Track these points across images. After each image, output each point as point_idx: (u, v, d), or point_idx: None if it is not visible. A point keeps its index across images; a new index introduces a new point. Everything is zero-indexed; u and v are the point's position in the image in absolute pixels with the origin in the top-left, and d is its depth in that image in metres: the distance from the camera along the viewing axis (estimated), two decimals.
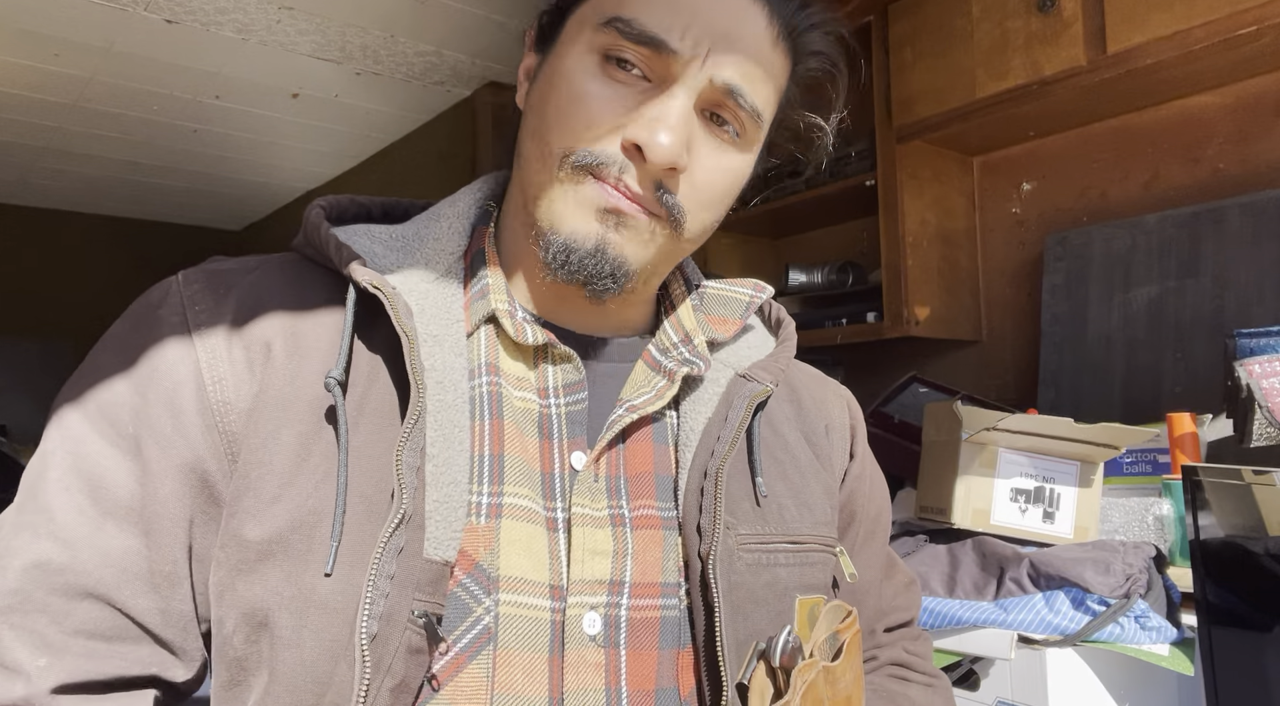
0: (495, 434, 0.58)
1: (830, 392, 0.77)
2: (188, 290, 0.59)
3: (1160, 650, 1.05)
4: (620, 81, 0.59)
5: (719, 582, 0.57)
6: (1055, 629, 1.07)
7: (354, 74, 3.26)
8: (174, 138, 3.99)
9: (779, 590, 0.62)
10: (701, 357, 0.66)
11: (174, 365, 0.56)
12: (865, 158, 2.01)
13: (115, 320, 0.61)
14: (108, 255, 5.43)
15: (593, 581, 0.57)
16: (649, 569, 0.59)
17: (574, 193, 0.58)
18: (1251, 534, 0.89)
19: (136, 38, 2.93)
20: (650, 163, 0.57)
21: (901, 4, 1.90)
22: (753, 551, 0.61)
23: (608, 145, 0.58)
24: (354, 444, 0.54)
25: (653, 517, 0.60)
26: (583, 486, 0.59)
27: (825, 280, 2.14)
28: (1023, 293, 1.97)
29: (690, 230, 0.62)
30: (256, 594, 0.52)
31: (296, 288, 0.61)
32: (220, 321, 0.57)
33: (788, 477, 0.67)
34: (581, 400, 0.62)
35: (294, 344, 0.57)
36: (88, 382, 0.57)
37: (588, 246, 0.58)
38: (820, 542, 0.66)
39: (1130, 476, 1.44)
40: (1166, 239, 1.67)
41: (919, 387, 1.80)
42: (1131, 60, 1.51)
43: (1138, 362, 1.68)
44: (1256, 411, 1.20)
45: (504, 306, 0.62)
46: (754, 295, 0.72)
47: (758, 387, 0.65)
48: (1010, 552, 1.17)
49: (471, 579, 0.54)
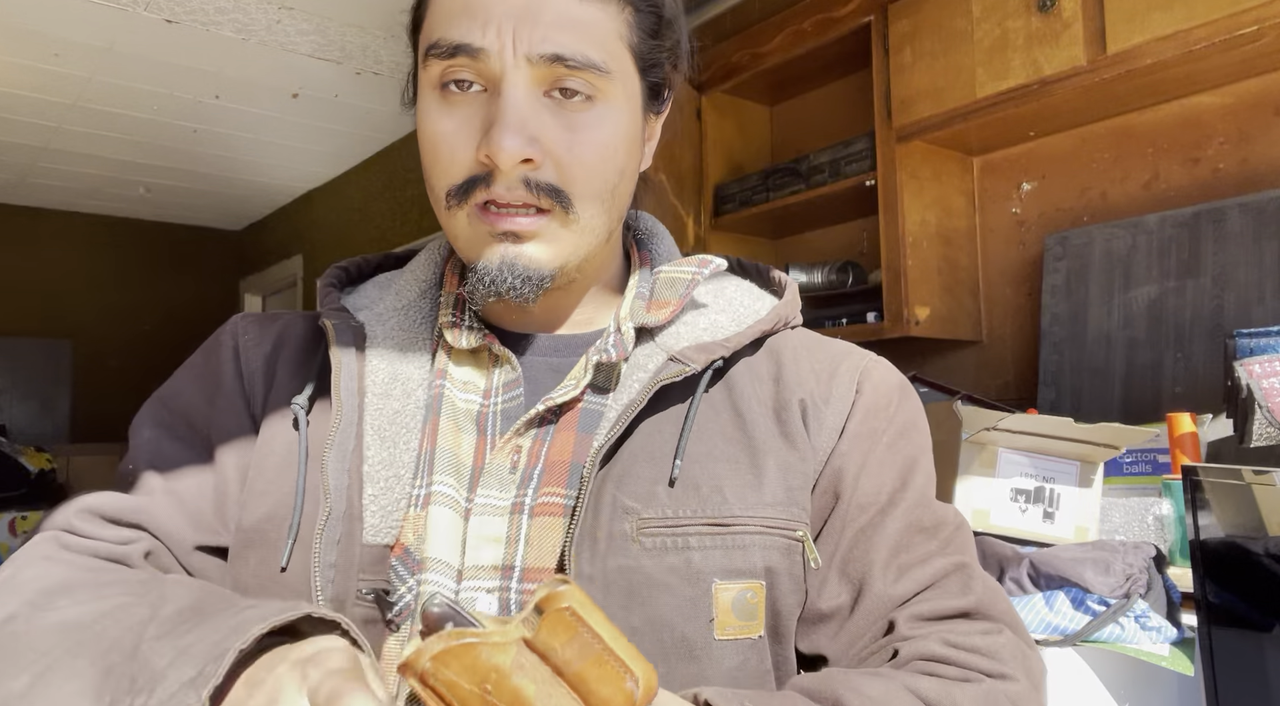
0: (433, 432, 0.65)
1: (837, 366, 0.71)
2: (243, 324, 0.76)
3: (1160, 650, 1.05)
4: (461, 103, 0.62)
5: (579, 568, 0.59)
6: (1055, 629, 1.07)
7: (354, 74, 3.27)
8: (174, 138, 4.00)
9: (689, 574, 0.61)
10: (619, 345, 0.68)
11: (232, 380, 0.72)
12: (865, 158, 2.01)
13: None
14: (108, 255, 5.43)
15: (485, 566, 0.61)
16: (544, 554, 0.61)
17: (469, 227, 0.64)
18: (1251, 534, 0.89)
19: (136, 38, 2.93)
20: (501, 167, 0.60)
21: (901, 4, 1.90)
22: (655, 534, 0.61)
23: (471, 168, 0.63)
24: (313, 452, 0.65)
25: (554, 505, 0.62)
26: (492, 477, 0.63)
27: (825, 280, 2.14)
28: (1023, 292, 1.97)
29: (582, 204, 0.64)
30: (242, 576, 0.64)
31: (314, 333, 0.75)
32: (260, 350, 0.73)
33: (734, 458, 0.65)
34: (517, 396, 0.68)
35: (293, 373, 0.71)
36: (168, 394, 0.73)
37: (494, 267, 0.64)
38: (760, 524, 0.63)
39: (1130, 476, 1.44)
40: (1166, 239, 1.67)
41: (919, 387, 1.80)
42: (1131, 60, 1.51)
43: (1138, 362, 1.68)
44: (1256, 411, 1.20)
45: (448, 319, 0.70)
46: (696, 272, 0.72)
47: (672, 369, 0.65)
48: (1010, 552, 1.17)
49: (400, 561, 0.61)
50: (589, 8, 0.62)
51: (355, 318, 0.71)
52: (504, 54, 0.60)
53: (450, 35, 0.61)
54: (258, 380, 0.72)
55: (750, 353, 0.71)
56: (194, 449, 0.70)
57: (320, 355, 0.71)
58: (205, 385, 0.73)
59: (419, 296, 0.74)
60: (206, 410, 0.71)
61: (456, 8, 0.62)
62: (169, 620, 0.52)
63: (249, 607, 0.51)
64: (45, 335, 5.20)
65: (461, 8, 0.61)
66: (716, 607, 0.61)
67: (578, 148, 0.62)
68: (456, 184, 0.63)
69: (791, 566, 0.64)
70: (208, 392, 0.72)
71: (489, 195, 0.62)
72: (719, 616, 0.61)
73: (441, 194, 0.64)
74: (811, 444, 0.67)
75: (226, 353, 0.74)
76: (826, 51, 2.15)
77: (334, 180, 4.74)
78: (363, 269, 0.80)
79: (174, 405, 0.72)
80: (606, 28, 0.63)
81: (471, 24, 0.60)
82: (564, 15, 0.61)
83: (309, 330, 0.75)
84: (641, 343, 0.70)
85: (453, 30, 0.61)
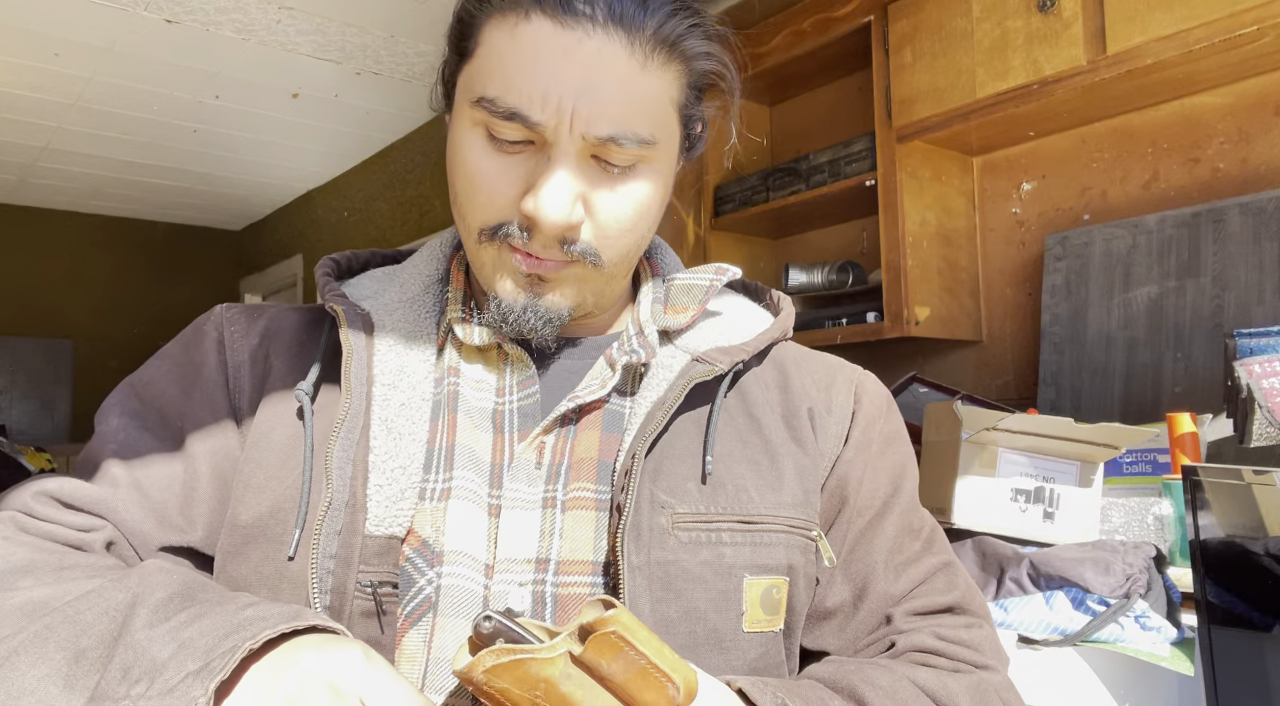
0: (450, 428, 0.65)
1: (833, 378, 0.75)
2: (228, 314, 0.73)
3: (1160, 650, 1.05)
4: (508, 152, 0.62)
5: (629, 559, 0.60)
6: (1055, 629, 1.07)
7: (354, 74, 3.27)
8: (174, 138, 4.00)
9: (721, 568, 0.63)
10: (646, 347, 0.69)
11: (213, 371, 0.70)
12: (865, 158, 2.01)
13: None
14: (108, 255, 5.43)
15: (518, 559, 0.61)
16: (578, 547, 0.62)
17: (497, 260, 0.65)
18: (1251, 534, 0.89)
19: (136, 38, 2.93)
20: (542, 232, 0.62)
21: (901, 4, 1.90)
22: (690, 529, 0.63)
23: (509, 216, 0.63)
24: (318, 441, 0.64)
25: (586, 499, 0.63)
26: (519, 472, 0.64)
27: (825, 280, 2.14)
28: (1023, 292, 1.97)
29: (612, 260, 0.66)
30: (242, 572, 0.62)
31: (308, 323, 0.73)
32: (247, 341, 0.71)
33: (754, 460, 0.68)
34: (533, 394, 0.68)
35: (290, 363, 0.70)
36: (140, 382, 0.71)
37: (518, 308, 0.65)
38: (784, 523, 0.66)
39: (1130, 476, 1.44)
40: (1166, 239, 1.67)
41: (919, 387, 1.80)
42: (1131, 60, 1.51)
43: (1138, 362, 1.68)
44: (1256, 411, 1.20)
45: (458, 315, 0.70)
46: (714, 279, 0.74)
47: (701, 368, 0.67)
48: (1010, 552, 1.17)
49: (417, 553, 0.60)
50: (648, 79, 0.62)
51: (360, 306, 0.70)
52: (559, 130, 0.60)
53: (506, 99, 0.60)
54: (245, 372, 0.70)
55: (757, 362, 0.74)
56: (164, 441, 0.68)
57: (324, 343, 0.69)
58: (182, 375, 0.70)
59: (422, 291, 0.74)
60: (181, 401, 0.69)
61: (514, 68, 0.60)
62: (161, 607, 0.51)
63: (249, 606, 0.51)
64: (45, 335, 5.20)
65: (520, 71, 0.60)
66: (746, 601, 0.64)
67: (616, 209, 0.64)
68: (491, 225, 0.64)
69: (807, 564, 0.68)
70: (184, 383, 0.70)
71: (525, 248, 0.63)
72: (749, 610, 0.64)
73: (474, 227, 0.65)
74: (820, 449, 0.71)
75: (209, 343, 0.71)
76: (826, 51, 2.15)
77: (334, 180, 4.74)
78: (352, 263, 0.79)
79: (146, 394, 0.70)
80: (661, 97, 0.63)
81: (532, 91, 0.59)
82: (624, 90, 0.60)
83: (302, 320, 0.74)
84: (662, 344, 0.72)
85: (510, 94, 0.60)
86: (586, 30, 0.59)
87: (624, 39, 0.60)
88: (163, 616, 0.50)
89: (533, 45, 0.59)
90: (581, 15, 0.59)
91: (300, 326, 0.73)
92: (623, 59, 0.60)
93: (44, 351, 5.19)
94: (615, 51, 0.60)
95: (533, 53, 0.59)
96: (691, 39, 0.64)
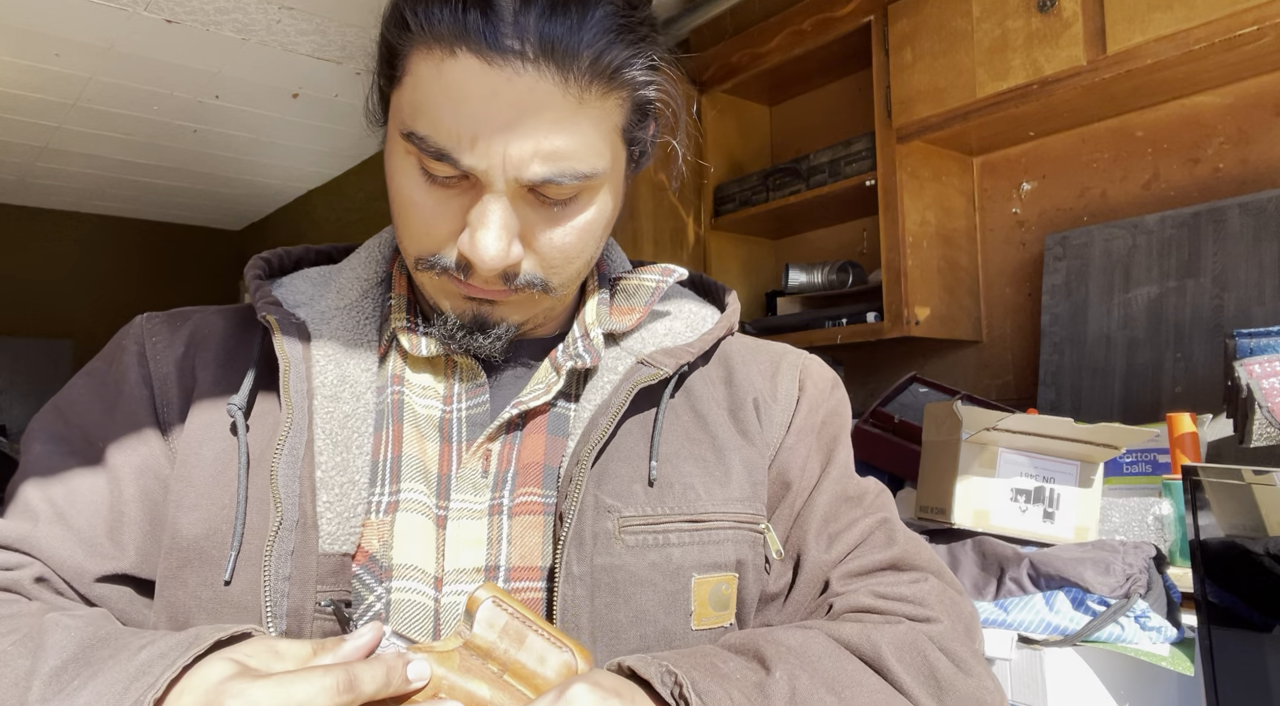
0: (396, 439, 0.63)
1: (778, 365, 0.74)
2: (149, 325, 0.70)
3: (1160, 650, 1.05)
4: (443, 186, 0.59)
5: (569, 568, 0.60)
6: (1055, 629, 1.07)
7: (354, 74, 3.27)
8: (174, 138, 4.00)
9: (669, 570, 0.63)
10: (591, 351, 0.68)
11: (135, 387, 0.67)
12: (865, 158, 2.01)
13: (108, 333, 0.66)
14: (108, 255, 5.43)
15: (467, 569, 0.61)
16: (528, 554, 0.62)
17: (439, 285, 0.64)
18: (1251, 534, 0.89)
19: (136, 38, 2.93)
20: (479, 274, 0.60)
21: (901, 4, 1.90)
22: (638, 533, 0.63)
23: (446, 252, 0.61)
24: (255, 458, 0.61)
25: (533, 504, 0.63)
26: (466, 482, 0.63)
27: (825, 280, 2.14)
28: (1023, 293, 1.98)
29: (561, 284, 0.64)
30: (179, 598, 0.60)
31: (237, 327, 0.70)
32: (172, 352, 0.68)
33: (701, 457, 0.67)
34: (482, 403, 0.67)
35: (219, 373, 0.67)
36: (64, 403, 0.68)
37: (466, 321, 0.64)
38: (731, 519, 0.66)
39: (1130, 476, 1.44)
40: (1166, 239, 1.67)
41: (919, 387, 1.80)
42: (1131, 60, 1.51)
43: (1138, 362, 1.68)
44: (1256, 411, 1.20)
45: (402, 324, 0.68)
46: (660, 280, 0.73)
47: (646, 372, 0.65)
48: (1010, 552, 1.17)
49: (365, 569, 0.59)
50: (586, 113, 0.57)
51: (295, 314, 0.67)
52: (491, 173, 0.57)
53: (435, 139, 0.56)
54: (171, 384, 0.67)
55: (703, 362, 0.73)
56: (89, 464, 0.64)
57: (255, 353, 0.66)
58: (105, 394, 0.67)
59: (361, 296, 0.71)
60: (105, 422, 0.66)
61: (440, 109, 0.56)
62: (54, 678, 0.49)
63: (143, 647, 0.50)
64: (45, 335, 5.21)
65: (446, 112, 0.56)
66: (695, 600, 0.63)
67: (559, 241, 0.61)
68: (428, 257, 0.62)
69: (756, 558, 0.68)
70: (107, 402, 0.67)
71: (465, 284, 0.62)
72: (697, 608, 0.64)
73: (412, 255, 0.63)
74: (765, 438, 0.71)
75: (130, 358, 0.68)
76: (826, 51, 2.15)
77: (334, 180, 4.74)
78: (284, 261, 0.76)
79: (70, 414, 0.67)
80: (602, 127, 0.59)
81: (461, 133, 0.56)
82: (557, 131, 0.56)
83: (229, 326, 0.70)
84: (608, 347, 0.71)
85: (439, 135, 0.56)
86: (516, 69, 0.54)
87: (557, 75, 0.55)
88: (56, 688, 0.49)
89: (460, 84, 0.55)
90: (509, 52, 0.54)
91: (229, 332, 0.70)
92: (557, 96, 0.56)
93: (44, 351, 5.19)
94: (548, 89, 0.55)
95: (460, 93, 0.55)
96: (633, 67, 0.59)
